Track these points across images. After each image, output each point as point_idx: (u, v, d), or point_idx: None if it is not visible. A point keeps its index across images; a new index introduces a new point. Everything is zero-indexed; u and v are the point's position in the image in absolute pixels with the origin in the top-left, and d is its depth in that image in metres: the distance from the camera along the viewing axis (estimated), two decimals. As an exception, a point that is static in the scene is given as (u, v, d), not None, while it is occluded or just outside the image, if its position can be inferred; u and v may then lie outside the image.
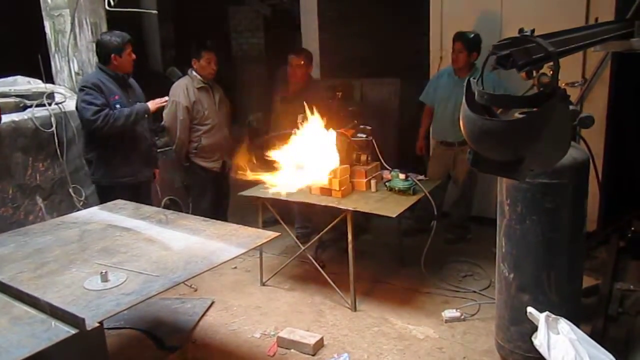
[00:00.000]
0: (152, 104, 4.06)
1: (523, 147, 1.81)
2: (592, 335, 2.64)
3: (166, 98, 4.30)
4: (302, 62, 4.78)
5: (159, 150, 4.61)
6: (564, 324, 2.49)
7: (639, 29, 2.94)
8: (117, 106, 3.81)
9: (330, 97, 4.97)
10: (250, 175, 3.49)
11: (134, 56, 3.93)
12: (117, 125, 3.75)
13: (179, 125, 4.55)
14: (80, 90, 3.80)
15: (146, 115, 4.00)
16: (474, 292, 3.95)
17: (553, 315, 2.52)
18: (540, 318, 2.53)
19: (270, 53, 7.69)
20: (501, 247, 2.92)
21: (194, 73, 4.62)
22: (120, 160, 3.92)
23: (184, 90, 4.56)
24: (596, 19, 3.33)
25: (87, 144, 3.95)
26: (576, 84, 4.19)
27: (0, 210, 3.77)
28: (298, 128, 3.77)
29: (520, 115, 2.06)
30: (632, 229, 4.19)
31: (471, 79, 1.94)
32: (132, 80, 4.07)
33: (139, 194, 4.01)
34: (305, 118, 3.74)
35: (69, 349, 1.79)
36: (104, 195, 3.88)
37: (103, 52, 3.87)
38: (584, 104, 4.41)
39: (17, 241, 2.88)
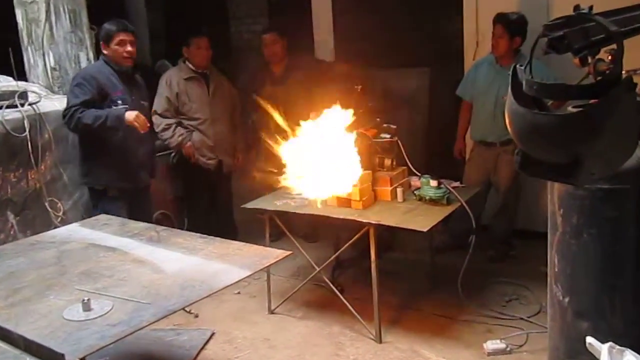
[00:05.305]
0: (130, 115, 3.87)
1: (581, 146, 1.78)
2: (664, 370, 2.59)
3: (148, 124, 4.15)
4: (276, 37, 5.07)
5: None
6: (630, 357, 2.44)
7: None
8: (119, 102, 3.94)
9: (347, 88, 4.94)
10: (260, 178, 3.50)
11: (128, 48, 3.99)
12: (79, 125, 3.86)
13: (157, 119, 4.75)
14: (72, 80, 3.98)
15: (118, 124, 3.88)
16: (521, 319, 3.92)
17: (617, 346, 2.47)
18: (603, 349, 2.48)
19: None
20: (553, 265, 2.86)
21: (184, 63, 4.84)
22: (118, 161, 4.03)
23: (166, 80, 4.80)
24: (662, -6, 3.31)
25: (87, 144, 4.06)
26: (639, 72, 4.14)
27: (-34, 229, 3.80)
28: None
29: (577, 109, 2.02)
30: None
31: (518, 66, 1.91)
32: (138, 77, 4.23)
33: (139, 201, 4.17)
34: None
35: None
36: (99, 201, 4.06)
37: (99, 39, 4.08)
38: (649, 95, 4.35)
39: (-14, 264, 2.88)
